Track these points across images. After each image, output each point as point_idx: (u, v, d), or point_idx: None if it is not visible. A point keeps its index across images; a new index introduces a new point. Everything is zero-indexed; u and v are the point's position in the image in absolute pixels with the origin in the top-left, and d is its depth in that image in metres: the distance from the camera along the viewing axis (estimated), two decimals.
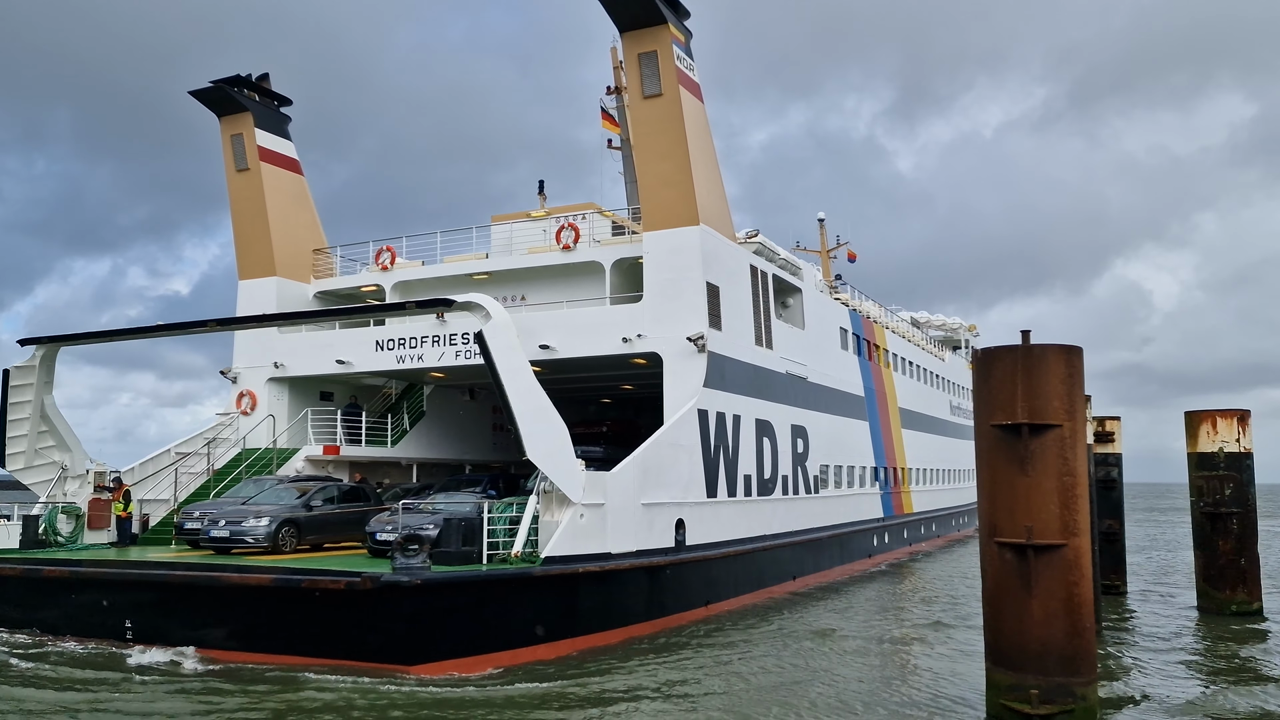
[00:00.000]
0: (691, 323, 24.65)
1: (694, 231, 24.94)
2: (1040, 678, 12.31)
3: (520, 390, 18.64)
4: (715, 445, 24.83)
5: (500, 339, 18.74)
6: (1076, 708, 12.22)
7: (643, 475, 21.47)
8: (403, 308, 19.62)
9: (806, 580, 29.99)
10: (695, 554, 23.10)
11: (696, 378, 24.39)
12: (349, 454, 28.88)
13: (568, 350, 26.14)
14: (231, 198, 30.69)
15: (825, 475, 32.74)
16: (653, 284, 25.25)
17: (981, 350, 13.56)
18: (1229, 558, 24.27)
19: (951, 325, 64.13)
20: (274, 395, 30.33)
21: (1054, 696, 12.22)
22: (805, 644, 20.35)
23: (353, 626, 16.45)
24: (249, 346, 30.57)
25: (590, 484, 19.66)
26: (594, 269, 27.47)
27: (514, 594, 17.75)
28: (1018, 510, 12.61)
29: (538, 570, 17.97)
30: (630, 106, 25.60)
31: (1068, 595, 12.38)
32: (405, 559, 16.37)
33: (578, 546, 19.16)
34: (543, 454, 18.60)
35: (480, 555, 18.37)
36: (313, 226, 31.94)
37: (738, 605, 25.02)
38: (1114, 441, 27.98)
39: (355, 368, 29.02)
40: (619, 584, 20.20)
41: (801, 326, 32.24)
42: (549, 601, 18.43)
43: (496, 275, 29.32)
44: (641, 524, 21.21)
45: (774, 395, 28.77)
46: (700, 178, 25.22)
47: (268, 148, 30.57)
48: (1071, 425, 12.59)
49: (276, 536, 20.42)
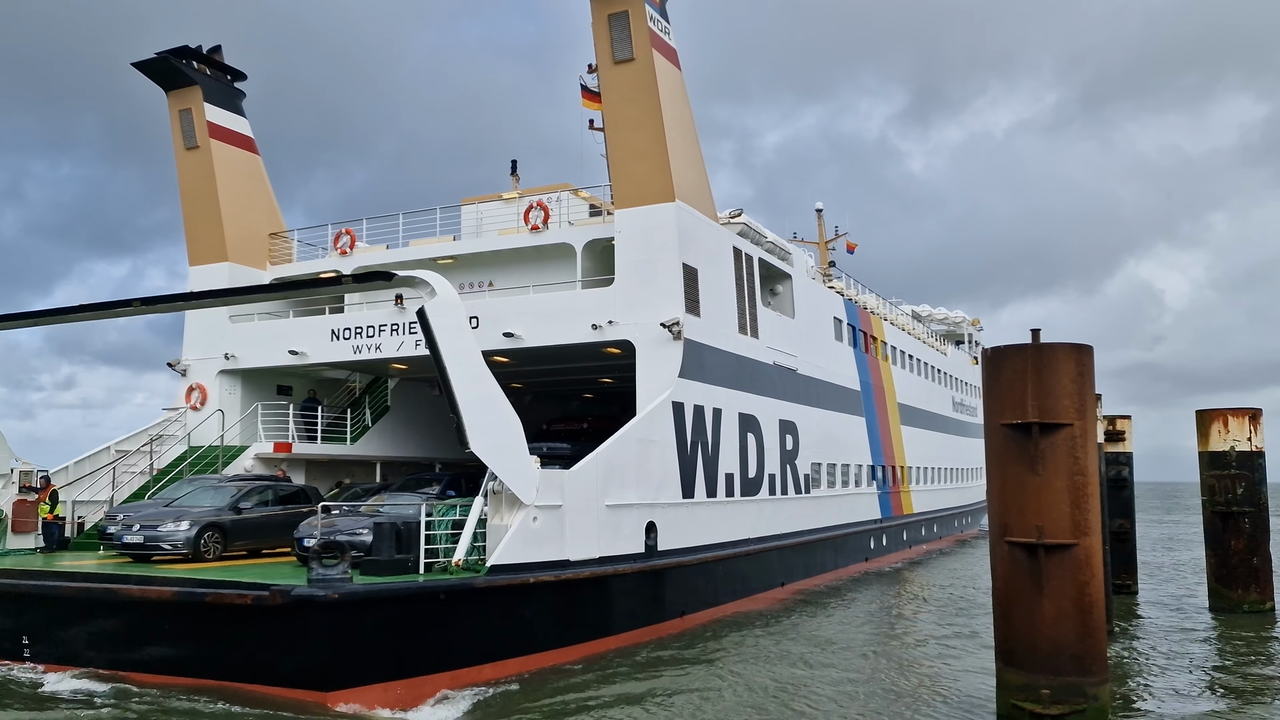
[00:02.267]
0: (666, 308, 22.61)
1: (669, 209, 22.89)
2: (1051, 677, 12.18)
3: (465, 376, 16.62)
4: (692, 441, 22.78)
5: (445, 318, 16.72)
6: (1088, 708, 12.09)
7: (607, 474, 19.43)
8: (338, 282, 17.59)
9: (797, 586, 27.93)
10: (668, 560, 21.05)
11: (671, 367, 22.35)
12: (303, 452, 26.87)
13: (534, 339, 24.11)
14: (180, 178, 28.69)
15: (817, 474, 30.66)
16: (625, 266, 23.22)
17: (991, 349, 13.35)
18: (1241, 557, 24.00)
19: (955, 319, 61.84)
20: (226, 389, 28.34)
21: (1065, 696, 12.10)
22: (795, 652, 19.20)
23: (263, 647, 14.44)
24: (199, 337, 28.59)
25: (545, 483, 17.63)
26: (565, 252, 25.43)
27: (454, 608, 15.71)
28: (1028, 509, 12.47)
29: (480, 581, 15.94)
30: (600, 73, 23.57)
31: (1079, 595, 12.26)
32: (323, 569, 14.36)
33: (530, 554, 17.13)
34: (489, 448, 16.57)
35: (417, 564, 16.34)
36: (269, 210, 29.93)
37: (718, 615, 22.97)
38: (1125, 440, 27.55)
39: (310, 359, 27.02)
40: (578, 595, 18.16)
41: (791, 315, 30.17)
42: (495, 616, 16.41)
43: (462, 259, 27.30)
44: (606, 528, 19.17)
45: (759, 388, 26.71)
46: (676, 150, 23.18)
47: (219, 124, 28.56)
48: (1082, 424, 12.45)
49: (198, 542, 18.39)
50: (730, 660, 18.35)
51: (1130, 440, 27.84)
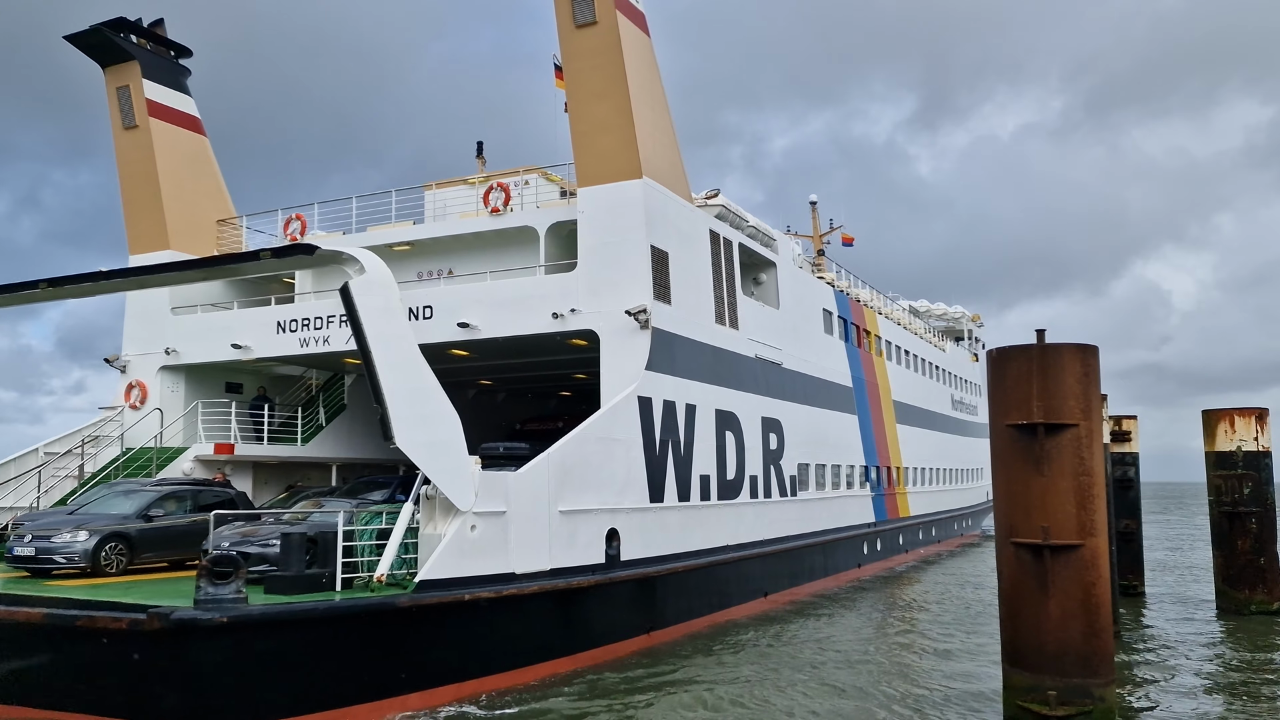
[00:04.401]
0: (633, 294, 20.65)
1: (635, 185, 20.93)
2: (1058, 679, 12.15)
3: (394, 362, 14.67)
4: (662, 440, 20.80)
5: (372, 297, 14.79)
6: (1094, 709, 12.05)
7: (561, 476, 17.45)
8: (255, 257, 15.57)
9: (780, 597, 25.93)
10: (632, 571, 19.06)
11: (638, 359, 20.38)
12: (248, 453, 24.87)
13: (491, 329, 22.14)
14: (118, 160, 26.75)
15: (804, 475, 28.65)
16: (588, 249, 21.26)
17: (996, 349, 13.28)
18: (1248, 557, 23.94)
19: (954, 315, 59.75)
20: (167, 386, 26.39)
21: (1072, 698, 12.07)
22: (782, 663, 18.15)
23: (143, 680, 12.46)
24: (138, 331, 26.65)
25: (487, 487, 15.65)
26: (528, 236, 23.46)
27: (372, 632, 13.74)
28: (1034, 510, 12.44)
29: (405, 599, 13.95)
30: (560, 39, 21.61)
31: (1085, 596, 12.21)
32: (212, 588, 12.39)
33: (467, 567, 15.15)
34: (419, 445, 14.60)
35: (332, 581, 14.35)
36: (217, 194, 27.97)
37: (691, 630, 21.00)
38: (1131, 440, 27.40)
39: (255, 353, 25.05)
40: (524, 612, 16.17)
41: (776, 306, 28.19)
42: (425, 639, 14.43)
43: (420, 245, 25.33)
44: (559, 536, 17.19)
45: (739, 382, 24.71)
46: (644, 122, 21.22)
47: (159, 102, 26.62)
48: (1088, 424, 12.42)
49: (97, 555, 16.38)
50: (705, 679, 16.55)
51: (1136, 440, 27.55)
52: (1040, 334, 12.97)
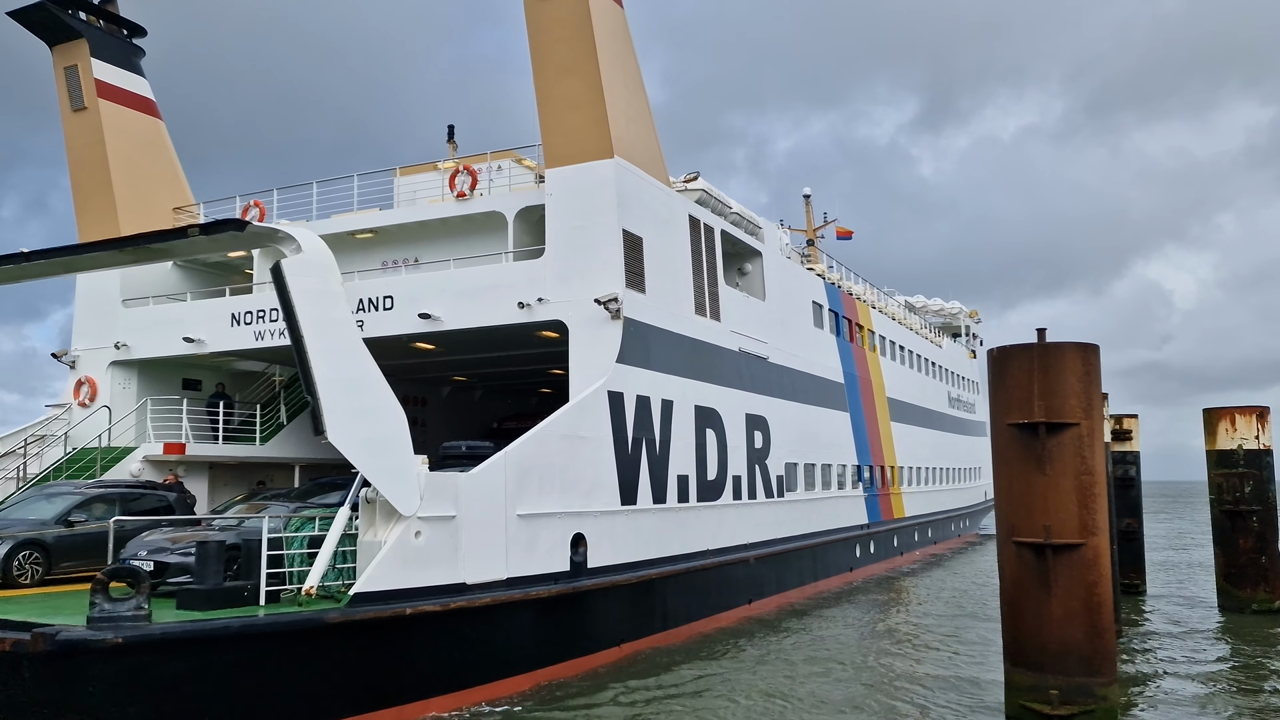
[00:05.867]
0: (604, 281, 19.27)
1: (606, 166, 19.55)
2: (1060, 678, 12.16)
3: (329, 349, 13.32)
4: (635, 438, 19.42)
5: (308, 279, 13.46)
6: (1097, 708, 12.05)
7: (520, 477, 16.07)
8: (183, 234, 14.16)
9: (767, 603, 24.57)
10: (601, 580, 17.67)
11: (608, 351, 19.00)
12: (201, 453, 23.45)
13: (455, 320, 20.76)
14: (67, 144, 25.35)
15: (792, 475, 27.27)
16: (556, 234, 19.88)
17: (997, 349, 13.27)
18: (1249, 556, 23.99)
19: (951, 310, 58.31)
20: (118, 383, 24.99)
21: (1074, 697, 12.07)
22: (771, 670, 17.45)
23: (34, 708, 11.06)
24: (88, 325, 25.26)
25: (434, 489, 14.29)
26: (496, 222, 22.05)
27: (298, 652, 12.36)
28: (1035, 510, 12.47)
29: (335, 615, 12.57)
30: (526, 9, 20.21)
31: (1087, 595, 12.24)
32: (109, 604, 11.01)
33: (411, 577, 13.78)
34: (355, 441, 13.23)
35: (256, 593, 12.96)
36: (173, 180, 26.57)
37: (668, 641, 19.61)
38: (1132, 439, 27.24)
39: (209, 347, 23.66)
40: (476, 626, 14.78)
41: (761, 297, 26.80)
42: (359, 658, 13.05)
43: (384, 233, 23.94)
44: (517, 542, 15.81)
45: (721, 377, 23.33)
46: (616, 98, 19.85)
47: (110, 82, 25.22)
48: (1089, 423, 12.44)
49: (8, 565, 14.98)
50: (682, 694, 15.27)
51: (1137, 439, 27.40)
52: (1041, 333, 12.96)
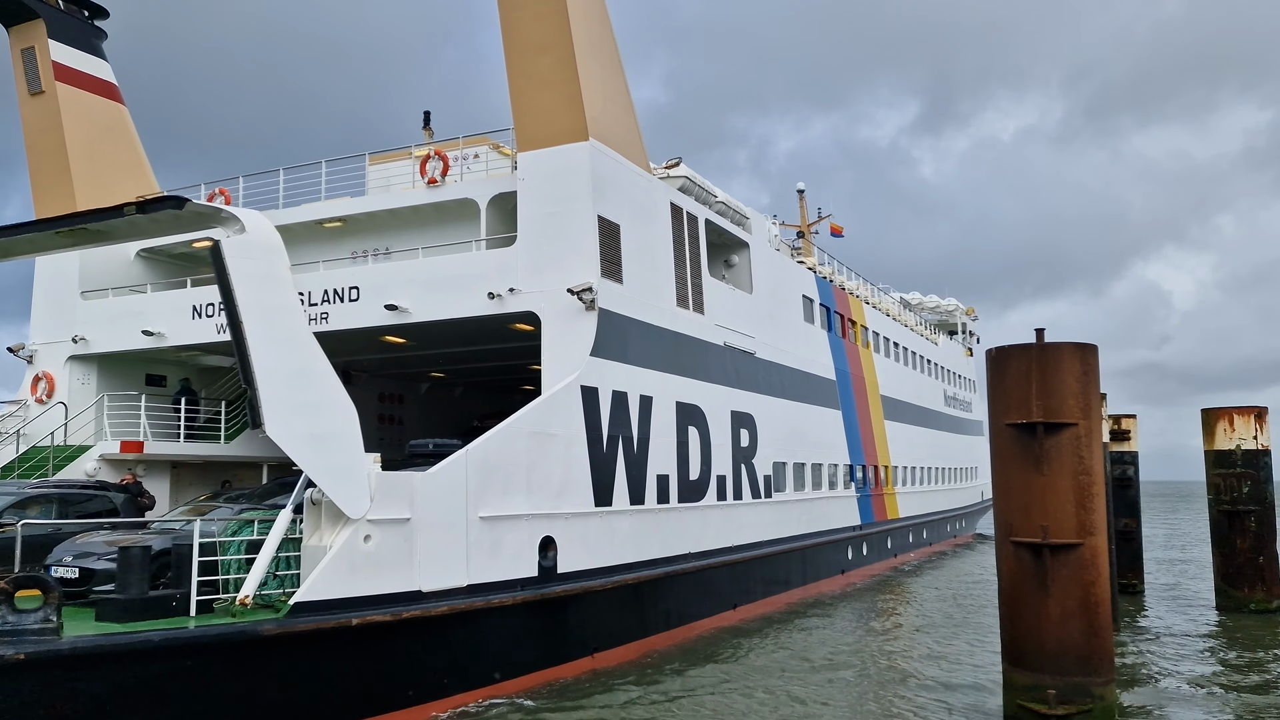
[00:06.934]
0: (578, 270, 18.27)
1: (581, 149, 18.54)
2: (1058, 678, 12.21)
3: (271, 337, 12.33)
4: (610, 435, 18.41)
5: (251, 261, 12.55)
6: (1094, 708, 12.10)
7: (483, 476, 15.07)
8: (118, 213, 13.15)
9: (752, 608, 23.57)
10: (572, 586, 16.66)
11: (582, 344, 18.01)
12: (160, 452, 22.44)
13: (423, 312, 19.74)
14: (24, 128, 24.30)
15: (780, 475, 26.27)
16: (528, 220, 18.87)
17: (996, 349, 13.30)
18: (1247, 556, 24.04)
19: (947, 307, 57.31)
20: (77, 378, 23.96)
21: (1072, 696, 12.12)
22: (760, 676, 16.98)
23: None
24: (46, 318, 24.23)
25: (387, 490, 13.29)
26: (469, 210, 21.05)
27: (228, 668, 11.34)
28: (1033, 510, 12.52)
29: (270, 627, 11.56)
30: None
31: (1084, 595, 12.28)
32: (14, 616, 9.99)
33: (360, 585, 12.77)
34: (297, 437, 12.26)
35: (185, 603, 11.95)
36: (135, 166, 25.51)
37: (644, 649, 18.61)
38: (1130, 439, 27.23)
39: (169, 340, 22.63)
40: (432, 637, 13.78)
41: (749, 290, 25.80)
42: (298, 673, 12.05)
43: (353, 222, 22.95)
44: (479, 546, 14.81)
45: (704, 373, 22.33)
46: (591, 77, 18.84)
47: (68, 65, 24.20)
48: (1087, 423, 12.48)
49: None
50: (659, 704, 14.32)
51: (1136, 439, 27.36)
52: (1039, 333, 12.89)
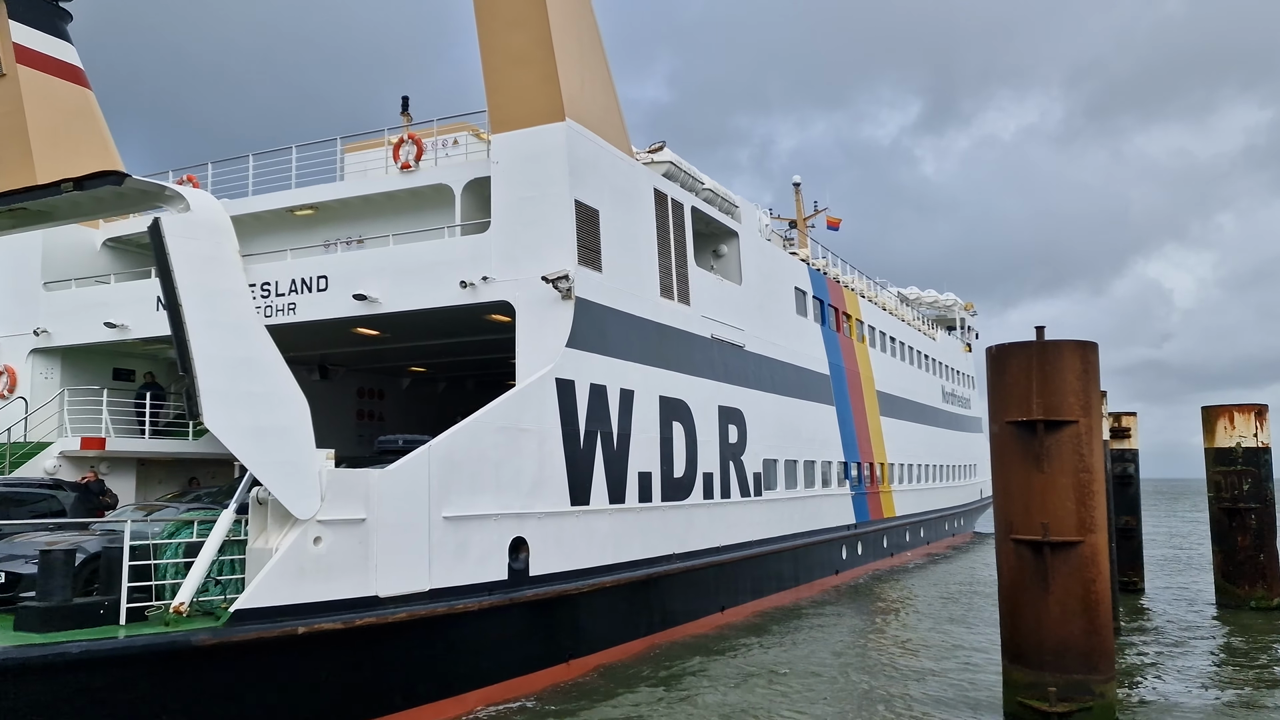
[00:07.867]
0: (553, 258, 17.38)
1: (557, 130, 17.65)
2: (1058, 675, 12.19)
3: (211, 323, 11.42)
4: (588, 431, 17.54)
5: (193, 242, 11.59)
6: (1095, 705, 12.07)
7: (447, 474, 14.18)
8: (56, 189, 12.23)
9: (741, 610, 22.70)
10: (544, 589, 15.77)
11: (558, 334, 17.12)
12: (124, 448, 21.57)
13: (393, 302, 18.85)
14: None
15: (771, 473, 25.39)
16: (502, 205, 17.97)
17: (996, 346, 13.30)
18: (1247, 553, 24.06)
19: (945, 302, 56.42)
20: (40, 372, 23.08)
21: (1072, 694, 12.10)
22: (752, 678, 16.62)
23: None
24: (8, 309, 23.32)
25: (339, 488, 12.41)
26: (444, 196, 20.16)
27: (161, 682, 10.45)
28: (1034, 507, 12.51)
29: (205, 637, 10.66)
30: None
31: (1085, 592, 12.26)
32: None
33: (308, 591, 11.89)
34: (238, 430, 11.36)
35: (115, 611, 11.06)
36: (102, 152, 24.59)
37: (624, 654, 17.75)
38: (1130, 437, 27.21)
39: (133, 333, 21.75)
40: (389, 646, 12.89)
41: (738, 281, 24.90)
42: (239, 688, 11.16)
43: (325, 209, 22.06)
44: (442, 548, 13.92)
45: (690, 366, 21.44)
46: (568, 55, 17.95)
47: (31, 48, 23.29)
48: (1087, 421, 12.47)
49: None
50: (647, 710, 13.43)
51: (1136, 437, 27.34)
52: (1040, 330, 12.82)
